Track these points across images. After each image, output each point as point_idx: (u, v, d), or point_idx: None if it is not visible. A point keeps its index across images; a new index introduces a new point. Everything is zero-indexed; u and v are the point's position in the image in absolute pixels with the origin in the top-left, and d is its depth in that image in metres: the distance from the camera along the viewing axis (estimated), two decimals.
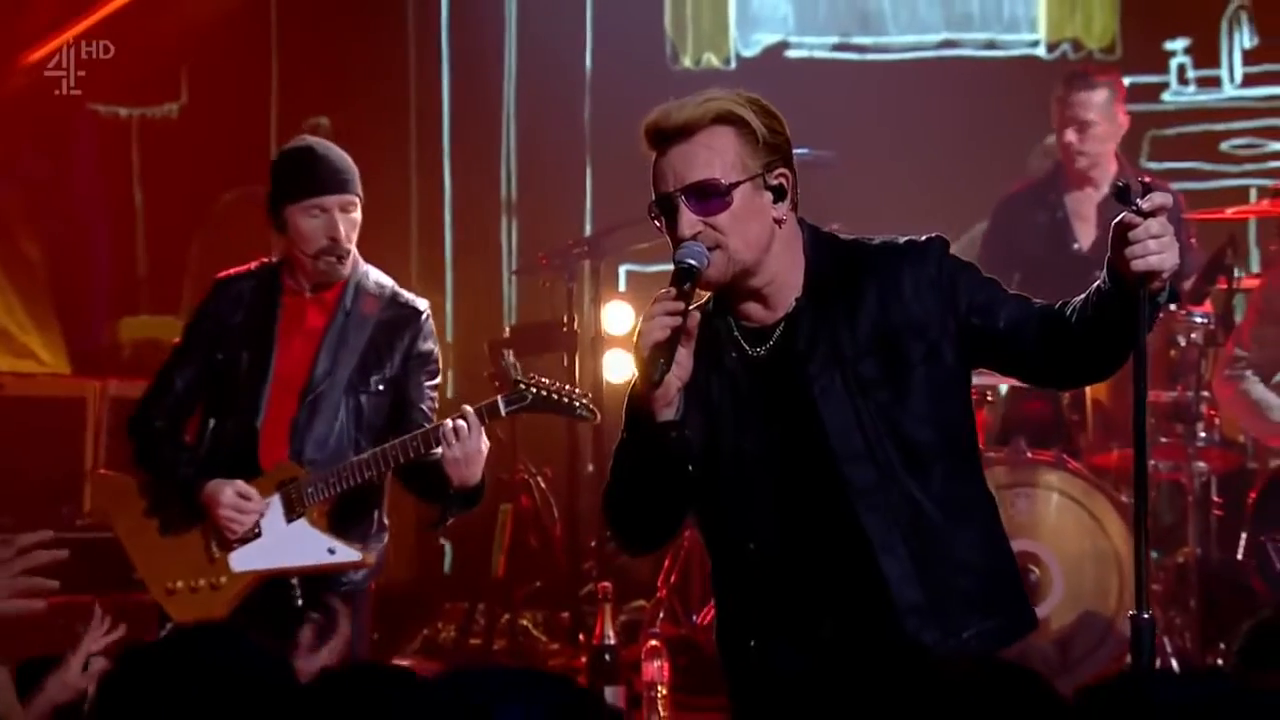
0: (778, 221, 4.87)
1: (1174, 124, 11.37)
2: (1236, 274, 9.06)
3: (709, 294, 4.95)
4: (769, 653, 4.98)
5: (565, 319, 9.42)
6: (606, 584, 8.73)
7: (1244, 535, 8.79)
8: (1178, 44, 11.78)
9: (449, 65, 12.32)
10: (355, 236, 7.07)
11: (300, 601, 6.97)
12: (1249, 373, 7.38)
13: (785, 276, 4.91)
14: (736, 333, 4.93)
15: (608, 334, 9.83)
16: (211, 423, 7.10)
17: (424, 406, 7.06)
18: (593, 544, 9.53)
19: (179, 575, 7.00)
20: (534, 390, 7.06)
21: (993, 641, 4.90)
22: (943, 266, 4.91)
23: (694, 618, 9.59)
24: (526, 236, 12.27)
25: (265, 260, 7.25)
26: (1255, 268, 9.34)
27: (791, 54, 12.23)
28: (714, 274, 4.81)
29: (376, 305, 7.11)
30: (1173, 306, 6.67)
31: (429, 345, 7.18)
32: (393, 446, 6.83)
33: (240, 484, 6.91)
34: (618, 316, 10.05)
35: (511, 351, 7.53)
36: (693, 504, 5.06)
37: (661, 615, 9.58)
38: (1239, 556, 8.84)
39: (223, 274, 7.27)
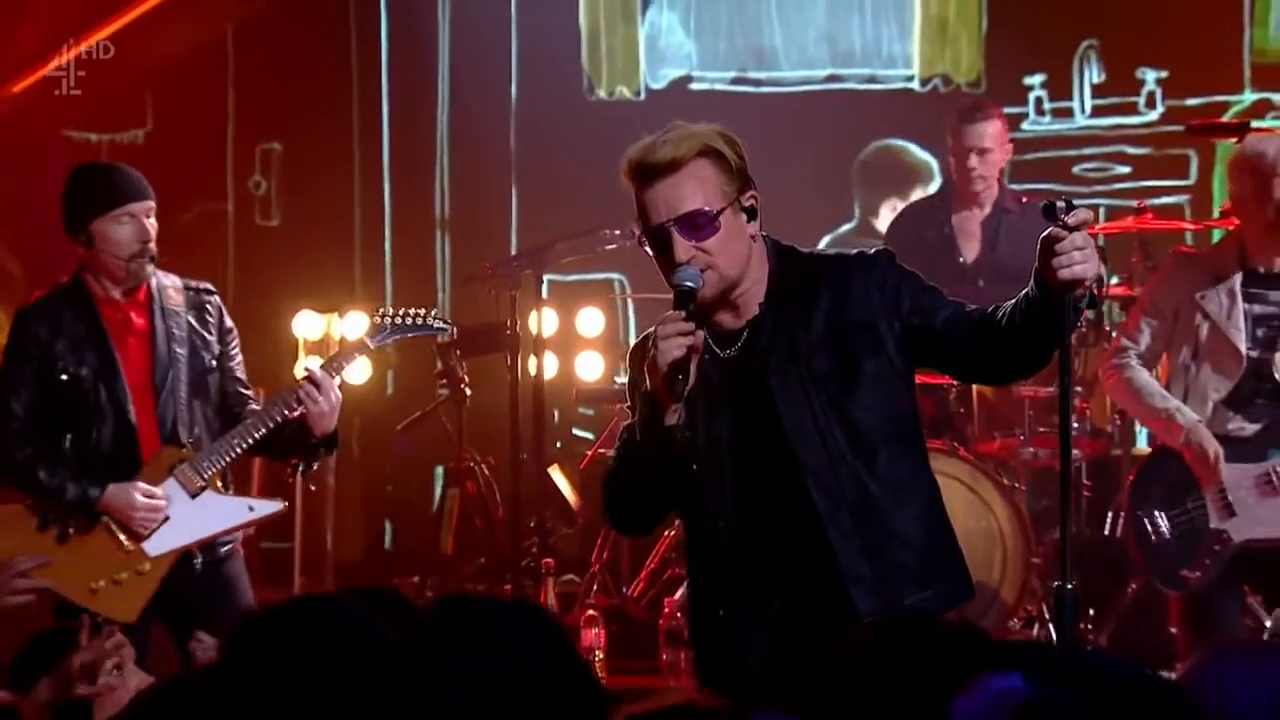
0: (753, 238, 4.92)
1: (1033, 150, 11.44)
2: (1109, 281, 9.21)
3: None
4: (733, 622, 5.00)
5: (508, 323, 9.40)
6: (549, 560, 8.79)
7: (1110, 514, 8.92)
8: (1035, 79, 11.84)
9: (388, 96, 12.28)
10: (154, 238, 7.04)
11: (199, 567, 7.00)
12: (1134, 361, 7.43)
13: (754, 287, 4.97)
14: (708, 337, 4.95)
15: (535, 335, 9.82)
16: (69, 438, 6.99)
17: (240, 375, 7.18)
18: (531, 524, 9.54)
19: (98, 575, 6.88)
20: (391, 320, 7.17)
21: (929, 609, 4.90)
22: (888, 273, 4.97)
23: (624, 590, 9.65)
24: (458, 250, 12.26)
25: (59, 283, 7.20)
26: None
27: (695, 86, 12.22)
28: (709, 293, 4.86)
29: (180, 295, 7.12)
30: (1090, 313, 6.73)
31: (229, 321, 7.26)
32: (263, 411, 6.90)
33: (141, 485, 6.87)
34: (544, 320, 10.08)
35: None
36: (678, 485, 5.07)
37: (595, 588, 9.64)
38: (1106, 533, 8.97)
39: (23, 305, 7.21)
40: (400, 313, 7.30)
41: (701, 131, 4.97)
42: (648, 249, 4.93)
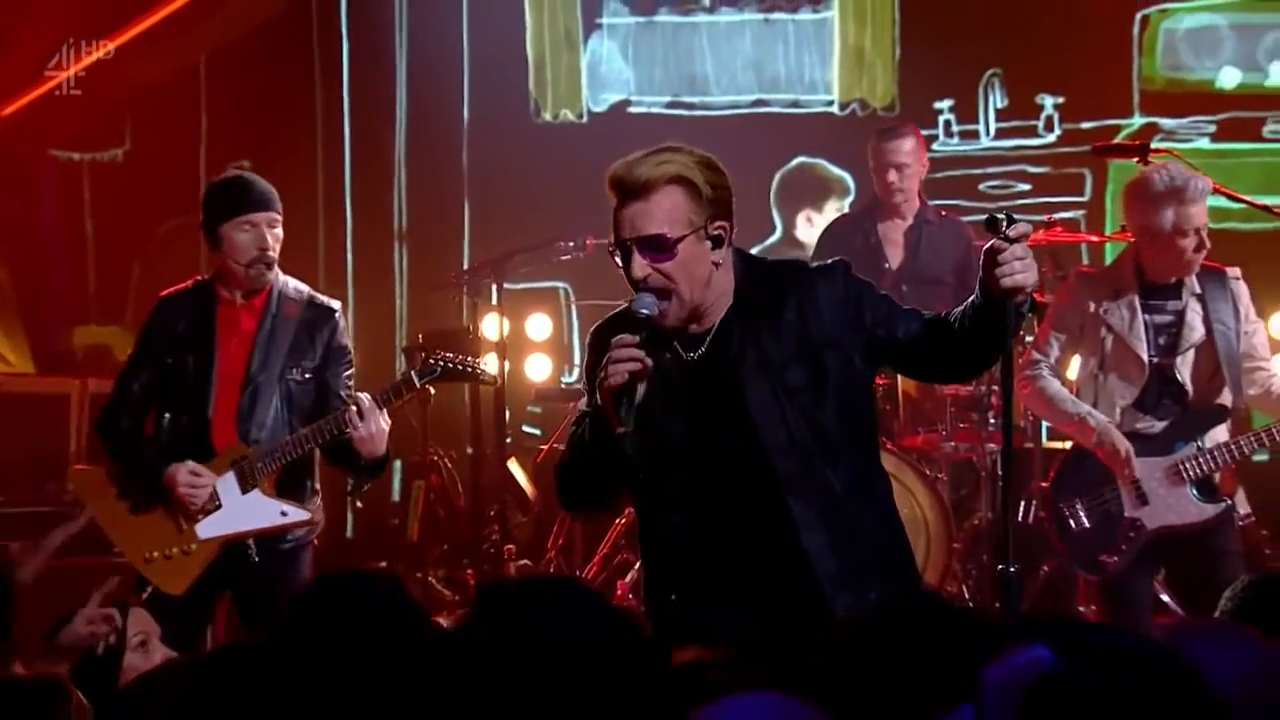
0: (716, 264, 4.82)
1: (942, 169, 11.45)
2: None
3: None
4: (685, 606, 4.92)
5: (470, 327, 9.39)
6: (510, 546, 8.78)
7: (1023, 502, 8.96)
8: (944, 104, 11.88)
9: (349, 118, 12.21)
10: (279, 248, 7.07)
11: (256, 558, 6.99)
12: (1045, 372, 7.46)
13: (718, 300, 4.89)
14: (672, 339, 4.89)
15: (486, 339, 9.79)
16: (167, 418, 7.05)
17: (342, 392, 7.04)
18: (491, 513, 9.52)
19: (154, 546, 6.94)
20: (441, 363, 7.13)
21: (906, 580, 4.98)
22: (849, 286, 4.93)
23: (578, 573, 9.51)
24: (414, 259, 12.20)
25: (200, 278, 7.22)
26: None
27: (633, 110, 12.20)
28: (672, 320, 4.81)
29: (297, 308, 7.09)
30: (1032, 315, 6.77)
31: (344, 340, 7.20)
32: (314, 429, 6.83)
33: (192, 464, 6.87)
34: (492, 324, 10.04)
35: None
36: (626, 485, 5.03)
37: (551, 571, 9.62)
38: (1020, 520, 9.00)
39: (164, 292, 7.23)
40: (453, 358, 7.20)
41: (680, 160, 4.87)
42: (617, 260, 4.84)
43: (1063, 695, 2.29)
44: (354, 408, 6.75)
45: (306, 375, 7.06)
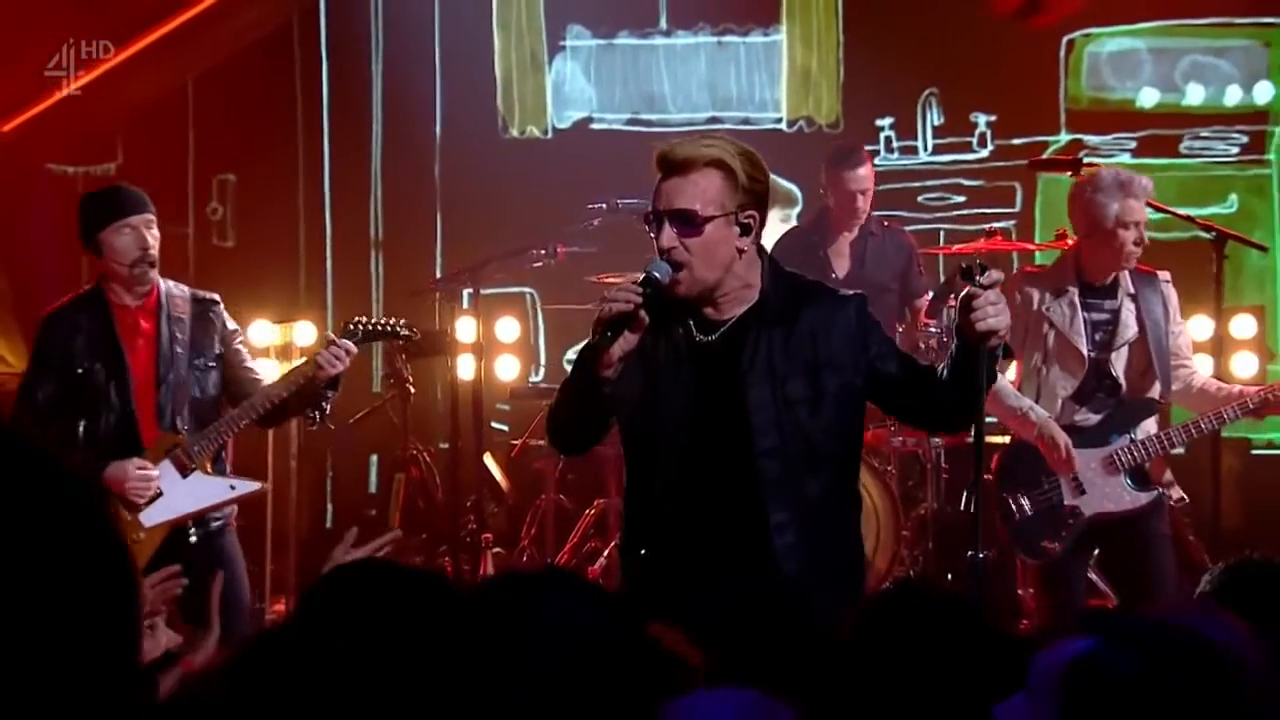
0: (740, 251, 4.84)
1: (883, 182, 11.38)
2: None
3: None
4: (654, 564, 4.94)
5: (449, 329, 9.38)
6: (488, 535, 8.77)
7: (965, 492, 9.00)
8: (885, 121, 11.91)
9: (328, 134, 12.16)
10: (158, 246, 7.02)
11: (193, 539, 6.97)
12: None
13: (738, 293, 4.89)
14: (691, 321, 4.91)
15: (461, 341, 9.77)
16: (83, 425, 6.94)
17: (249, 364, 7.20)
18: (468, 504, 9.52)
19: None
20: (361, 326, 7.19)
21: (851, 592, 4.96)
22: (861, 319, 4.96)
23: (550, 561, 9.56)
24: (390, 267, 12.17)
25: (82, 291, 7.18)
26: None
27: (595, 126, 12.17)
28: (682, 290, 4.81)
29: (185, 304, 7.11)
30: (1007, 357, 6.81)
31: (232, 324, 7.28)
32: (277, 385, 6.97)
33: (135, 460, 6.84)
34: (465, 327, 10.04)
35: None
36: (607, 430, 5.06)
37: (525, 558, 9.64)
38: (962, 508, 9.05)
39: (48, 310, 7.17)
40: (369, 321, 7.27)
41: (723, 146, 4.90)
42: (649, 229, 4.88)
43: (1098, 675, 2.26)
44: (328, 352, 6.88)
45: (211, 363, 7.10)
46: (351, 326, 7.25)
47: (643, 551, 4.98)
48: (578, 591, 2.60)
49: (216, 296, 7.28)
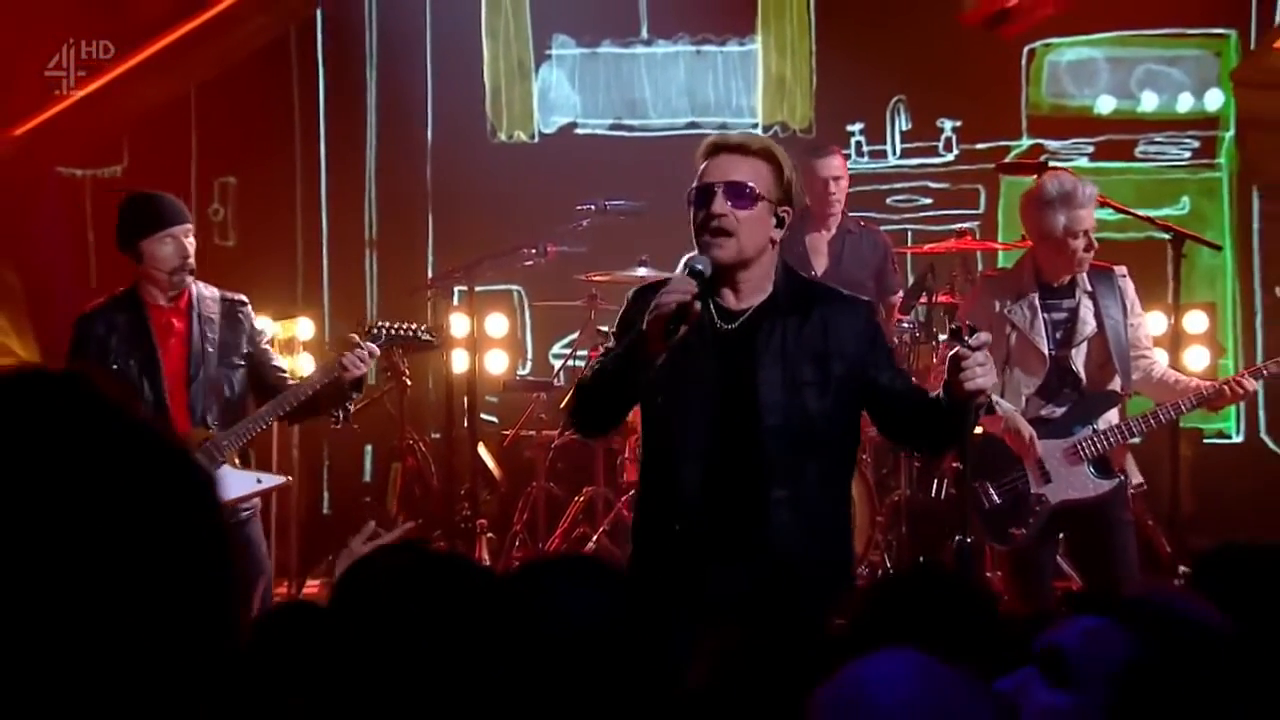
0: (772, 241, 4.92)
1: (854, 184, 11.29)
2: (934, 292, 9.35)
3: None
4: (685, 538, 4.94)
5: (444, 326, 9.38)
6: (483, 520, 8.78)
7: (935, 480, 9.04)
8: (856, 126, 11.93)
9: (325, 139, 12.14)
10: (194, 254, 7.03)
11: None
12: None
13: (758, 283, 4.95)
14: (711, 308, 4.95)
15: (454, 337, 9.76)
16: None
17: (275, 363, 7.18)
18: (462, 492, 9.51)
19: None
20: (385, 329, 7.20)
21: (838, 580, 5.03)
22: (869, 322, 5.06)
23: (541, 545, 9.60)
24: (383, 265, 12.15)
25: (117, 292, 7.15)
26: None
27: (579, 131, 12.17)
28: (724, 255, 4.86)
29: (216, 305, 7.09)
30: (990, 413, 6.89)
31: (259, 323, 7.28)
32: (303, 384, 6.97)
33: None
34: (458, 323, 10.04)
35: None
36: (639, 409, 5.10)
37: (517, 544, 9.65)
38: (934, 495, 9.08)
39: (85, 310, 7.16)
40: (392, 325, 7.28)
41: (771, 143, 5.05)
42: (691, 208, 4.93)
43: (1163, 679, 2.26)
44: (353, 354, 6.90)
45: (240, 362, 7.08)
46: (375, 330, 7.25)
47: (676, 527, 4.96)
48: (600, 579, 2.61)
49: (244, 298, 7.25)
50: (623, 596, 2.49)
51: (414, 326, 7.40)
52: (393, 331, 7.32)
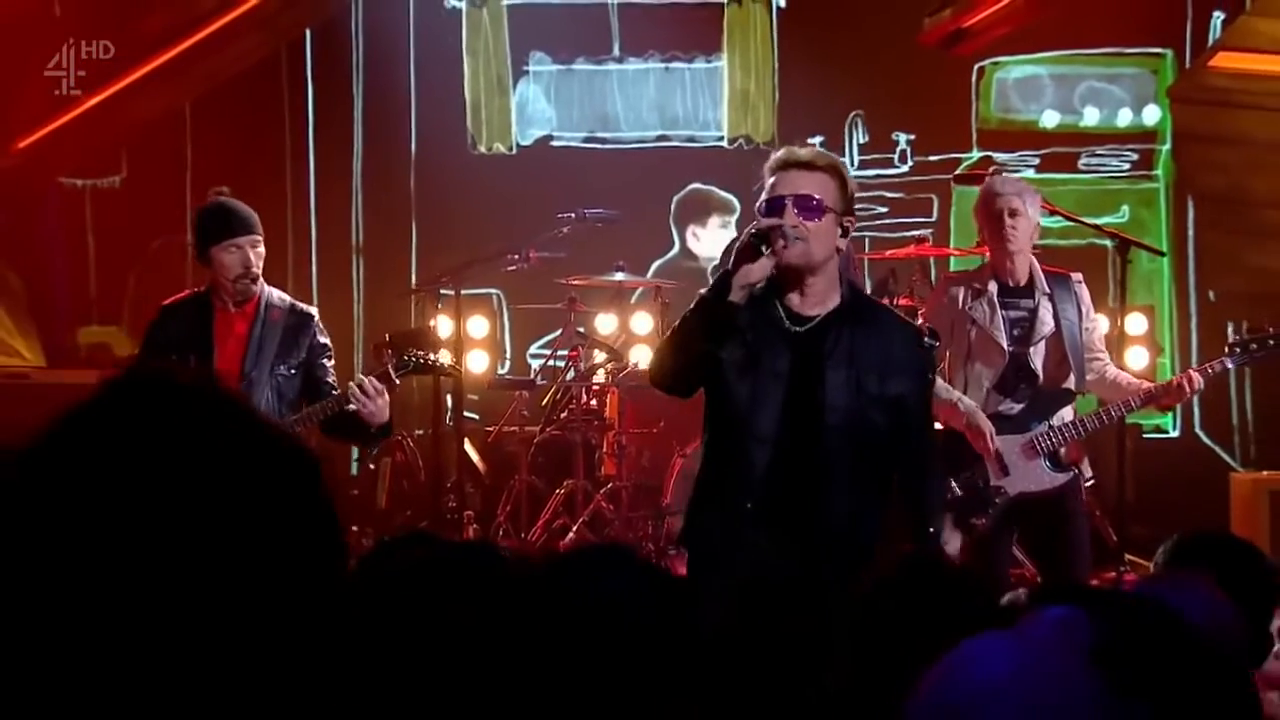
0: (838, 250, 4.99)
1: None
2: (895, 296, 9.38)
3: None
4: (756, 516, 4.98)
5: (432, 325, 9.36)
6: (470, 511, 8.78)
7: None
8: (816, 139, 11.78)
9: (314, 150, 12.12)
10: (261, 265, 7.02)
11: None
12: None
13: (824, 289, 5.02)
14: (781, 310, 5.01)
15: (440, 338, 9.72)
16: None
17: (328, 380, 7.02)
18: (448, 485, 9.50)
19: None
20: (414, 359, 7.16)
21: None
22: (927, 356, 5.19)
23: (523, 535, 9.60)
24: (369, 270, 12.11)
25: (198, 289, 7.12)
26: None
27: (555, 143, 12.16)
28: (794, 257, 4.92)
29: (281, 314, 7.03)
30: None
31: (323, 338, 7.16)
32: (317, 408, 6.79)
33: None
34: (442, 325, 9.96)
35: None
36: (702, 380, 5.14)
37: (501, 534, 9.63)
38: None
39: (166, 301, 7.12)
40: (422, 355, 7.20)
41: (838, 160, 5.12)
42: (765, 217, 4.94)
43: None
44: (356, 387, 6.73)
45: (293, 370, 6.99)
46: (405, 359, 7.12)
47: (748, 505, 4.99)
48: (634, 566, 2.60)
49: (313, 310, 7.18)
50: (658, 582, 2.49)
51: (437, 357, 7.26)
52: (419, 360, 7.21)
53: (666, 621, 2.46)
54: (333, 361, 7.22)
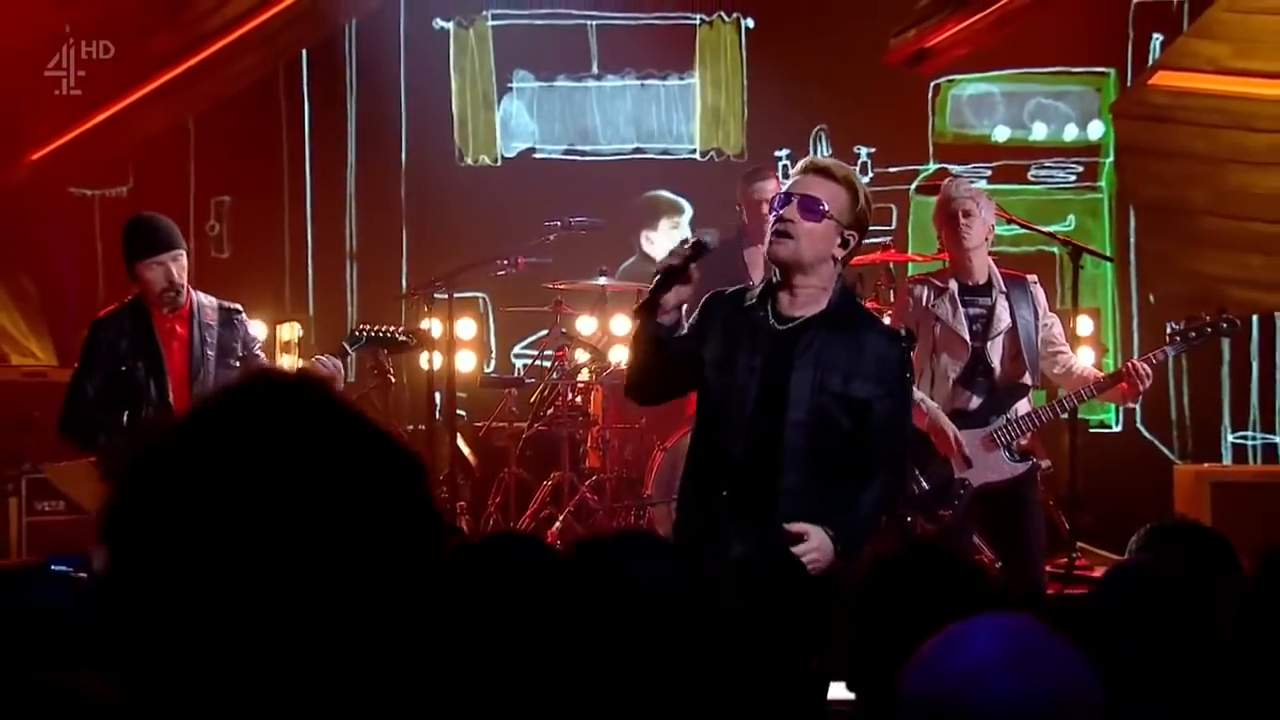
0: (833, 257, 4.95)
1: None
2: (863, 299, 9.40)
3: (759, 283, 5.12)
4: (729, 502, 4.98)
5: (422, 328, 9.34)
6: (462, 503, 8.78)
7: None
8: (783, 152, 11.91)
9: (310, 160, 12.08)
10: (185, 276, 6.98)
11: None
12: None
13: (814, 293, 5.00)
14: (769, 309, 5.02)
15: (430, 338, 9.69)
16: (126, 414, 6.92)
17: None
18: (441, 477, 9.48)
19: None
20: (365, 333, 7.21)
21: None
22: (902, 360, 5.09)
23: (512, 524, 9.46)
24: (363, 275, 12.08)
25: (128, 299, 7.13)
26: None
27: (537, 156, 12.14)
28: (782, 254, 4.96)
29: (214, 314, 7.11)
30: None
31: (253, 331, 7.37)
32: None
33: None
34: (434, 326, 9.96)
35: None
36: (681, 384, 5.24)
37: (492, 522, 9.61)
38: None
39: (100, 314, 7.16)
40: (373, 327, 7.29)
41: (856, 177, 5.09)
42: (767, 209, 5.07)
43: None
44: (315, 361, 7.04)
45: (236, 363, 7.06)
46: (358, 333, 7.26)
47: (724, 492, 4.99)
48: (661, 550, 2.59)
49: (239, 306, 7.24)
50: (685, 565, 2.52)
51: (392, 329, 7.41)
52: (374, 334, 7.33)
53: (697, 601, 2.49)
54: (260, 349, 7.41)
